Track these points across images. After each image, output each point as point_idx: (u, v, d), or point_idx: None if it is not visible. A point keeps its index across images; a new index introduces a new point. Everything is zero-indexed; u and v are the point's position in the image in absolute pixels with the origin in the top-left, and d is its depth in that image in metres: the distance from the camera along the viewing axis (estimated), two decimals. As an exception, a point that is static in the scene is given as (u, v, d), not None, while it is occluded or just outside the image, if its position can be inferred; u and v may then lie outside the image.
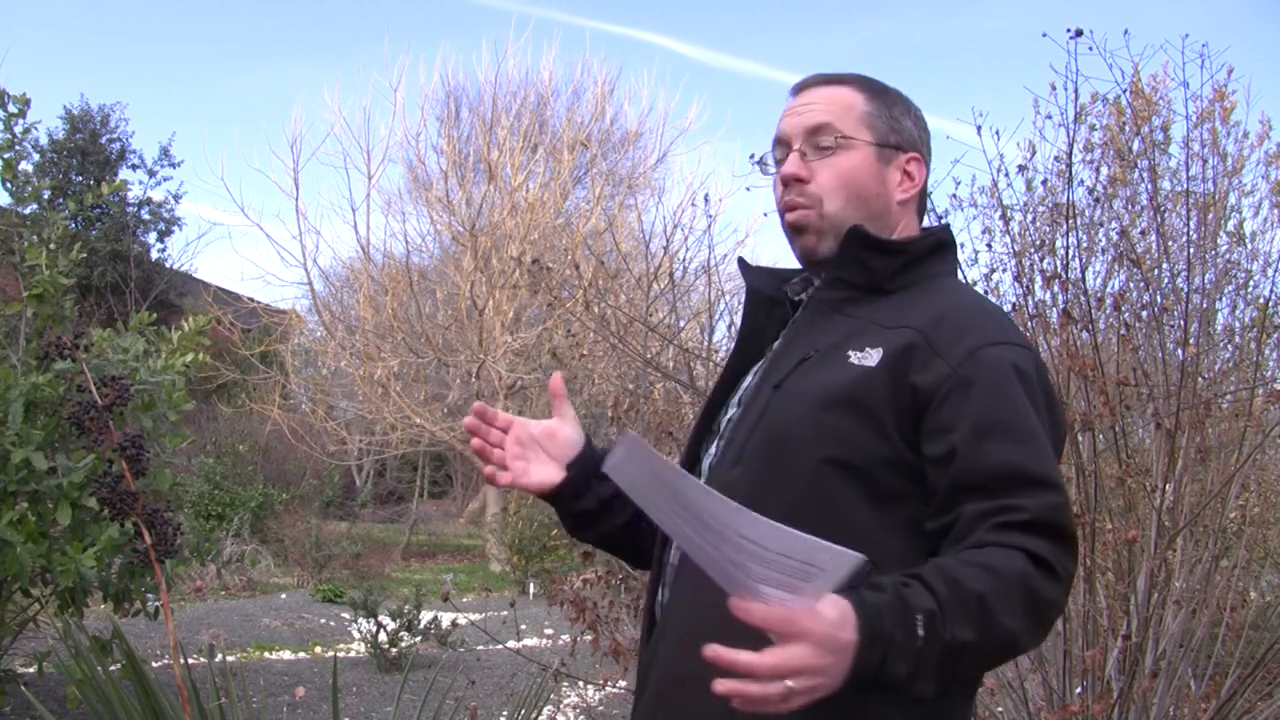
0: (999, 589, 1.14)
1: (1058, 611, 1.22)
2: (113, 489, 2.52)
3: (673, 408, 4.96)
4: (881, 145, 1.44)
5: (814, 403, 1.32)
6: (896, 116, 1.45)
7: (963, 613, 1.11)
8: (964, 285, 1.53)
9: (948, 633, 1.10)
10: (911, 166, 1.46)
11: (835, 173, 1.42)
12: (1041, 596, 1.17)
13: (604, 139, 16.58)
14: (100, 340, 3.92)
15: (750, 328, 1.51)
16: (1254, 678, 3.01)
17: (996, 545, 1.18)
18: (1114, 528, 3.01)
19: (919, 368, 1.29)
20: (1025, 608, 1.16)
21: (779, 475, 1.32)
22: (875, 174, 1.43)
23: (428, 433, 14.67)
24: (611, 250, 12.87)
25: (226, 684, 2.87)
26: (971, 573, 1.14)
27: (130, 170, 19.40)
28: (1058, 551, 1.20)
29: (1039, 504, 1.21)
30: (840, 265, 1.42)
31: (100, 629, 4.15)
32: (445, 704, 4.03)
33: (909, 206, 1.47)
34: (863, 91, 1.46)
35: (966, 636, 1.11)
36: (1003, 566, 1.16)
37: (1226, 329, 4.06)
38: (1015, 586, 1.15)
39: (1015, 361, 1.30)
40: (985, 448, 1.24)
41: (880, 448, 1.28)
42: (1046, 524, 1.21)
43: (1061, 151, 3.59)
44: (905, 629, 1.08)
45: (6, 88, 4.08)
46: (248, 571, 10.17)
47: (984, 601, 1.12)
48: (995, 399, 1.27)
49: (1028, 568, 1.17)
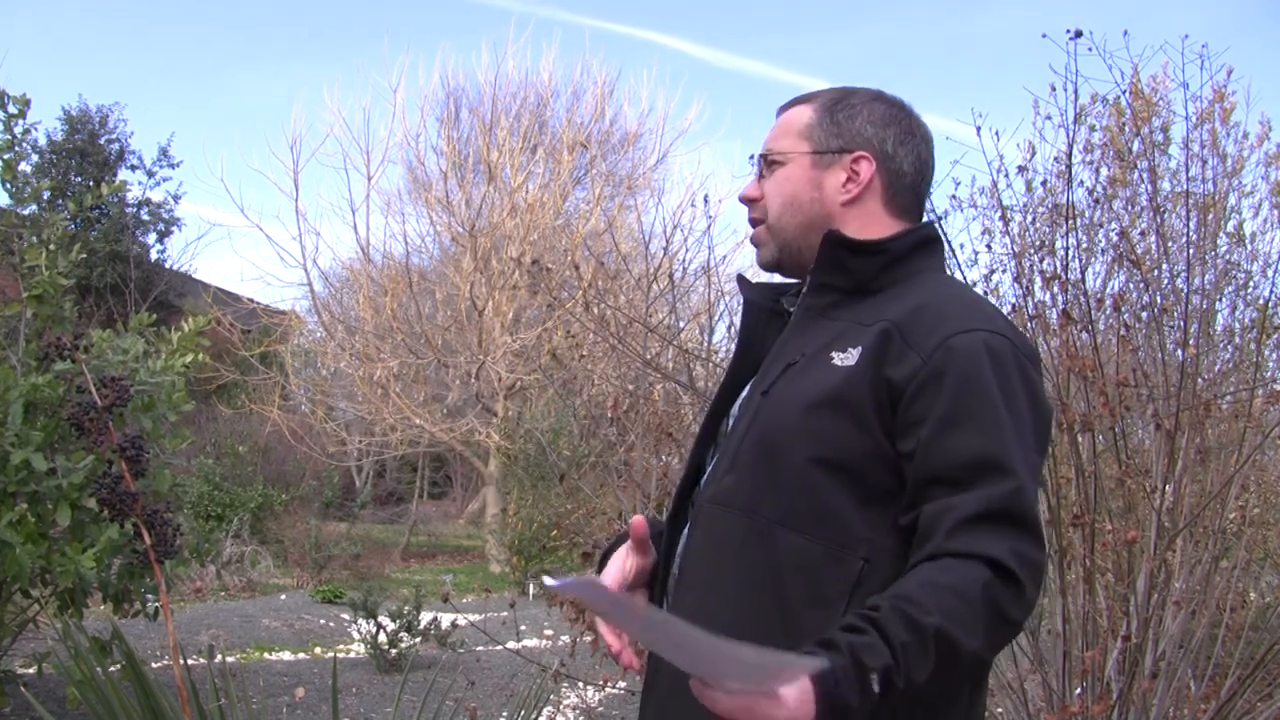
0: (959, 615, 1.15)
1: (1025, 611, 1.21)
2: (112, 490, 2.52)
3: (672, 408, 4.96)
4: (819, 152, 1.46)
5: (800, 407, 1.33)
6: (840, 120, 1.46)
7: (921, 654, 1.13)
8: (948, 279, 1.51)
9: (903, 680, 1.12)
10: (859, 165, 1.45)
11: (774, 186, 1.49)
12: (1004, 608, 1.18)
13: (603, 140, 16.60)
14: (100, 341, 3.91)
15: (748, 339, 1.53)
16: (1254, 678, 3.01)
17: (954, 555, 1.19)
18: (1114, 528, 3.01)
19: (893, 361, 1.30)
20: (988, 624, 1.17)
21: (771, 479, 1.33)
22: (809, 180, 1.46)
23: (427, 433, 14.67)
24: (611, 251, 12.87)
25: (226, 685, 2.87)
26: (930, 600, 1.16)
27: (129, 171, 19.40)
28: (1016, 544, 1.20)
29: (990, 494, 1.21)
30: (821, 270, 1.44)
31: (100, 630, 4.14)
32: (445, 705, 4.03)
33: (861, 204, 1.46)
34: (817, 105, 1.49)
35: (925, 674, 1.13)
36: (961, 584, 1.17)
37: (1226, 330, 4.06)
38: (976, 605, 1.16)
39: (987, 344, 1.29)
40: (947, 439, 1.25)
41: (869, 446, 1.29)
42: (1000, 514, 1.20)
43: (1061, 152, 3.59)
44: (861, 691, 1.11)
45: (6, 88, 4.09)
46: (247, 572, 10.16)
47: (941, 633, 1.14)
48: (963, 388, 1.27)
49: (989, 579, 1.17)
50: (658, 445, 4.28)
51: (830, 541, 1.29)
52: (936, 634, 1.14)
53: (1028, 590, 1.20)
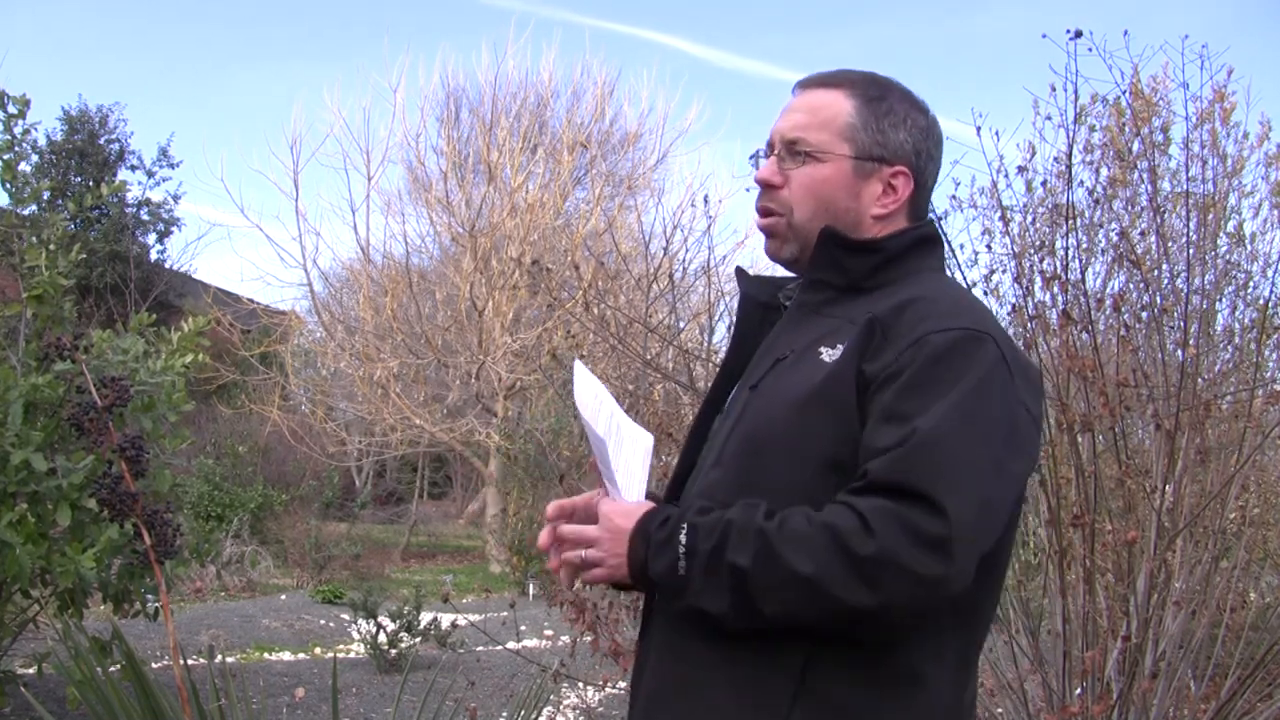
0: (795, 533, 1.20)
1: (890, 568, 1.16)
2: (112, 490, 2.52)
3: (672, 408, 4.97)
4: (861, 159, 1.41)
5: (787, 402, 1.33)
6: (885, 129, 1.41)
7: (741, 540, 1.22)
8: (943, 278, 1.46)
9: (708, 544, 1.23)
10: (897, 180, 1.42)
11: (806, 182, 1.41)
12: (854, 549, 1.17)
13: (603, 140, 16.60)
14: (100, 341, 3.91)
15: (743, 333, 1.52)
16: (1254, 679, 3.01)
17: (835, 503, 1.23)
18: (1114, 529, 3.01)
19: (870, 357, 1.29)
20: (828, 556, 1.18)
21: (757, 475, 1.33)
22: (848, 187, 1.41)
23: (427, 433, 14.68)
24: (611, 251, 12.87)
25: (226, 685, 2.87)
26: (780, 517, 1.23)
27: (129, 171, 19.42)
28: (898, 509, 1.17)
29: (885, 465, 1.20)
30: (817, 267, 1.42)
31: (100, 630, 4.15)
32: (445, 705, 4.03)
33: (891, 220, 1.43)
34: (856, 98, 1.42)
35: (740, 561, 1.21)
36: (818, 517, 1.21)
37: (1226, 330, 4.06)
38: (820, 535, 1.19)
39: (960, 342, 1.26)
40: (881, 430, 1.24)
41: (853, 441, 1.28)
42: (885, 483, 1.19)
43: (1061, 152, 3.59)
44: (668, 533, 1.27)
45: (6, 88, 4.08)
46: (247, 572, 10.16)
47: (765, 537, 1.21)
48: (916, 382, 1.24)
49: (847, 522, 1.18)
50: (657, 445, 4.28)
51: None
52: (760, 534, 1.22)
53: (886, 552, 1.16)
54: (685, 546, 1.25)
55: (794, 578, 1.19)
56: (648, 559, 1.28)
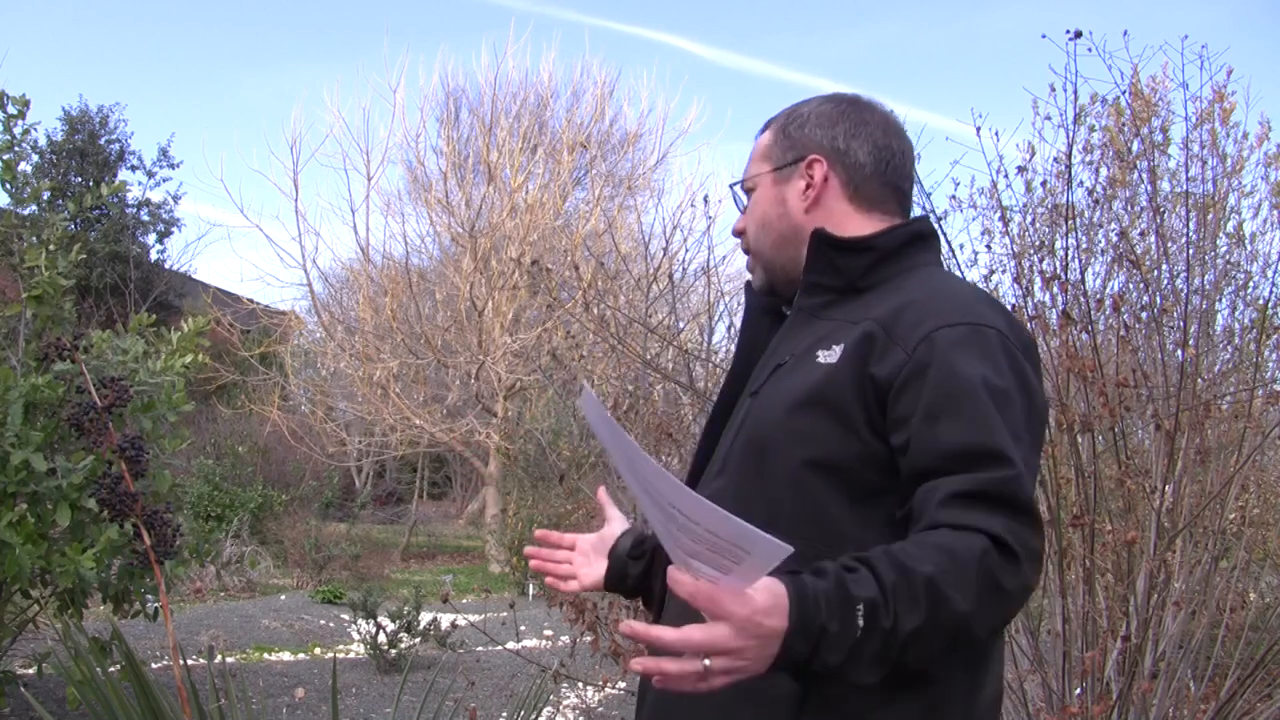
0: (951, 570, 1.11)
1: (1022, 590, 1.16)
2: (112, 490, 2.52)
3: (672, 409, 4.96)
4: (777, 169, 1.48)
5: (786, 407, 1.33)
6: (792, 133, 1.48)
7: (909, 599, 1.08)
8: (942, 273, 1.47)
9: (889, 620, 1.07)
10: (813, 169, 1.46)
11: (751, 213, 1.53)
12: (999, 577, 1.13)
13: (603, 140, 16.60)
14: (99, 341, 3.91)
15: (748, 341, 1.53)
16: (1253, 679, 3.01)
17: (951, 526, 1.15)
18: (1113, 529, 3.01)
19: (877, 359, 1.29)
20: (980, 589, 1.12)
21: (759, 480, 1.33)
22: (773, 199, 1.49)
23: (427, 434, 14.67)
24: (611, 251, 12.87)
25: (226, 685, 2.87)
26: (924, 555, 1.11)
27: (129, 171, 19.46)
28: (1014, 526, 1.16)
29: (989, 477, 1.18)
30: (812, 270, 1.43)
31: (100, 630, 4.15)
32: (445, 705, 4.03)
33: (822, 205, 1.45)
34: (774, 126, 1.52)
35: (913, 624, 1.08)
36: (958, 547, 1.13)
37: (1226, 330, 4.06)
38: (970, 568, 1.12)
39: (971, 336, 1.27)
40: (936, 430, 1.22)
41: (854, 444, 1.28)
42: (997, 496, 1.18)
43: (1061, 153, 3.60)
44: (843, 619, 1.05)
45: (6, 88, 4.09)
46: (247, 573, 10.16)
47: (933, 585, 1.09)
48: (947, 379, 1.24)
49: (986, 547, 1.14)
50: (658, 446, 4.28)
51: (820, 541, 1.27)
52: (928, 584, 1.08)
53: (1024, 568, 1.16)
54: (862, 630, 1.07)
55: (956, 623, 1.12)
56: (812, 658, 1.06)
